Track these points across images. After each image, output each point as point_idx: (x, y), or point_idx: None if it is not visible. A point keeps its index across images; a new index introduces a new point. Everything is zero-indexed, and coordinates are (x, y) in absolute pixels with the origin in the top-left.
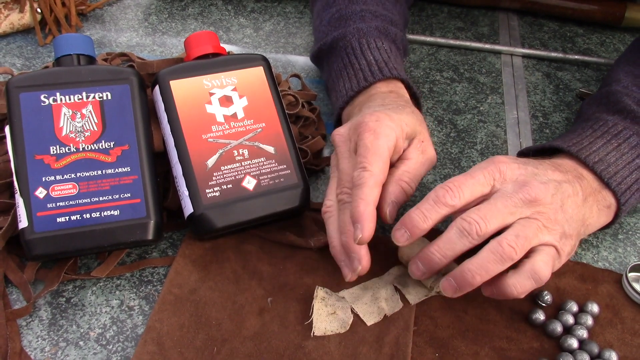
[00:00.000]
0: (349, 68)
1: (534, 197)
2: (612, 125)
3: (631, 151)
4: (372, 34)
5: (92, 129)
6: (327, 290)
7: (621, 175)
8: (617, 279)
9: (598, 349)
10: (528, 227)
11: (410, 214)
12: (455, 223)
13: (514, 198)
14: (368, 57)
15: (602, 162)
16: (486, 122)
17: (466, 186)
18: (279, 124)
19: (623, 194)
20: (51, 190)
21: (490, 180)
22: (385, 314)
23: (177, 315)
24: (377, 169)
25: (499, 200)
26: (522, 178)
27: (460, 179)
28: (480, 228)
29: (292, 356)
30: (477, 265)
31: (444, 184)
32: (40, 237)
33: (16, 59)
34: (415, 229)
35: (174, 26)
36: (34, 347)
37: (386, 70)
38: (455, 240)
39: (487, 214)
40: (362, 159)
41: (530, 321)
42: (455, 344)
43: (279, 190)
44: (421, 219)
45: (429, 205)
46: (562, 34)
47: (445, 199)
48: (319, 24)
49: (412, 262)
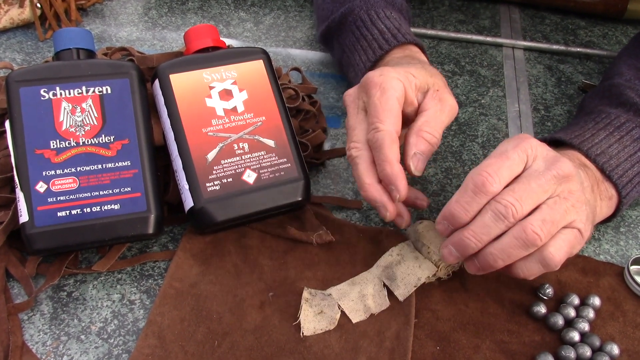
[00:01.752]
0: (362, 40)
1: (566, 173)
2: (615, 118)
3: (633, 144)
4: (380, 4)
5: (92, 123)
6: (312, 290)
7: (623, 167)
8: (619, 272)
9: (599, 342)
10: (557, 209)
11: (450, 209)
12: (490, 207)
13: (547, 175)
14: (380, 26)
15: (604, 154)
16: (487, 115)
17: (504, 168)
18: (279, 117)
19: (624, 187)
20: (51, 184)
21: (524, 158)
22: (372, 313)
23: (178, 309)
24: (390, 125)
25: (532, 179)
26: (551, 155)
27: (496, 163)
28: (517, 210)
29: (293, 349)
30: (500, 250)
31: (480, 170)
32: (41, 232)
33: (16, 54)
34: (458, 224)
35: (174, 20)
36: (36, 341)
37: (400, 36)
38: (491, 225)
39: (522, 195)
40: (373, 119)
41: (532, 314)
42: (456, 337)
43: (280, 183)
44: (462, 213)
45: (469, 197)
46: (564, 27)
47: (485, 187)
48: (322, 2)
49: (444, 247)
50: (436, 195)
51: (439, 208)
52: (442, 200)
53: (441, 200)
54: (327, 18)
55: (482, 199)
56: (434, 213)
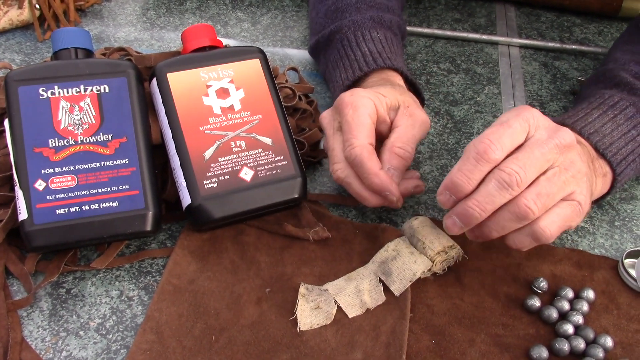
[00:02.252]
0: (344, 59)
1: (568, 142)
2: (608, 97)
3: (627, 122)
4: (367, 26)
5: (90, 122)
6: (308, 286)
7: (617, 145)
8: (613, 266)
9: (593, 334)
10: (555, 181)
11: (453, 178)
12: (494, 175)
13: (549, 144)
14: (363, 48)
15: (597, 133)
16: (483, 112)
17: (506, 136)
18: (276, 115)
19: (619, 165)
20: (50, 182)
21: (526, 127)
22: (368, 307)
23: (176, 305)
24: (364, 139)
25: (535, 147)
26: (552, 124)
27: (498, 130)
28: (521, 179)
29: (289, 344)
30: (494, 222)
31: (481, 138)
32: (40, 229)
33: (15, 55)
34: (460, 193)
35: (171, 21)
36: (35, 337)
37: (380, 60)
38: (494, 194)
39: (525, 163)
40: (347, 136)
41: (526, 307)
42: (452, 330)
43: (276, 181)
44: (465, 182)
45: (471, 165)
46: (559, 24)
47: (487, 154)
48: (315, 16)
49: (448, 218)
50: (432, 192)
51: (435, 204)
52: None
53: (436, 196)
54: (317, 32)
55: (484, 166)
56: (429, 209)
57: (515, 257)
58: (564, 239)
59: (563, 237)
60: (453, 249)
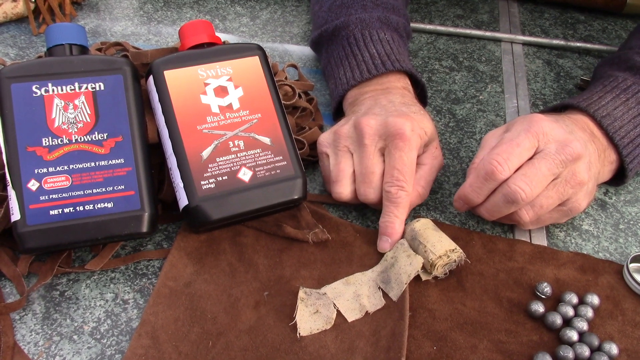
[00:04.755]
0: (350, 58)
1: (575, 155)
2: (622, 81)
3: (638, 105)
4: (375, 25)
5: (85, 120)
6: (307, 290)
7: (625, 129)
8: (618, 270)
9: (598, 341)
10: (552, 195)
11: (465, 191)
12: (502, 190)
13: (556, 159)
14: (371, 49)
15: (609, 116)
16: (485, 111)
17: (514, 156)
18: (275, 114)
19: (625, 147)
20: (44, 182)
21: (535, 143)
22: (367, 311)
23: (172, 309)
24: (411, 186)
25: (543, 163)
26: (563, 137)
27: (507, 150)
28: (527, 195)
29: (288, 350)
30: (490, 215)
31: (490, 159)
32: (33, 230)
33: (9, 49)
34: (472, 203)
35: (169, 15)
36: (28, 341)
37: (388, 63)
38: (501, 206)
39: (532, 179)
40: (399, 175)
41: (530, 313)
42: (454, 336)
43: (276, 181)
44: (475, 196)
45: (480, 184)
46: (563, 21)
47: (495, 175)
48: (319, 10)
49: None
50: (434, 193)
51: (437, 205)
52: (439, 198)
53: (438, 197)
54: (320, 26)
55: (492, 184)
56: (431, 210)
57: (518, 260)
58: (568, 242)
59: (567, 241)
60: (455, 252)
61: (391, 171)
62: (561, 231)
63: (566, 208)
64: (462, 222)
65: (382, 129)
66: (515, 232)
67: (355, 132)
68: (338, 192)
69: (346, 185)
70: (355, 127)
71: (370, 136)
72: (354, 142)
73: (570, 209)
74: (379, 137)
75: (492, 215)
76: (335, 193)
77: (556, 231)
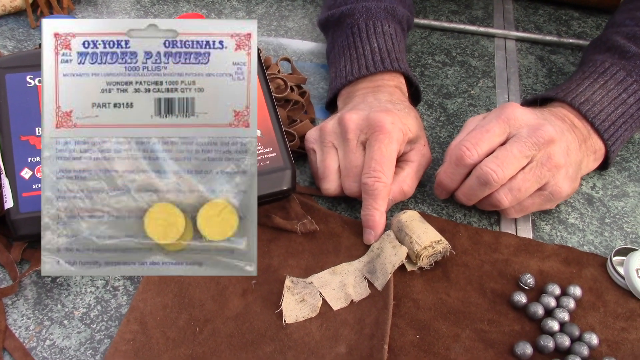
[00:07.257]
0: (352, 49)
1: (548, 138)
2: (600, 64)
3: (617, 87)
4: (380, 16)
5: None
6: (293, 279)
7: (606, 112)
8: (602, 263)
9: (579, 331)
10: (529, 177)
11: (439, 177)
12: (475, 172)
13: (528, 142)
14: (372, 43)
15: (587, 102)
16: (476, 106)
17: (483, 141)
18: (265, 106)
19: (607, 130)
20: (37, 171)
21: (505, 128)
22: (352, 300)
23: (161, 296)
24: (389, 178)
25: (514, 145)
26: (535, 121)
27: (476, 136)
28: (498, 176)
29: (273, 337)
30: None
31: (459, 144)
32: (26, 217)
33: (7, 42)
34: (449, 189)
35: (166, 9)
36: (19, 325)
37: (387, 62)
38: (476, 188)
39: (504, 161)
40: (376, 166)
41: (512, 304)
42: (437, 325)
43: (265, 172)
44: (449, 182)
45: (452, 168)
46: (557, 17)
47: (464, 160)
48: None
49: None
50: (422, 186)
51: (424, 198)
52: (427, 191)
53: (427, 190)
54: (329, 9)
55: (463, 170)
56: (419, 203)
57: (503, 252)
58: (554, 235)
59: (552, 234)
60: (440, 244)
61: (369, 162)
62: (547, 224)
63: (547, 192)
64: (449, 215)
65: (364, 122)
66: (502, 225)
67: (339, 128)
68: (325, 187)
69: (332, 180)
70: (339, 122)
71: (353, 130)
72: (338, 138)
73: (551, 193)
74: (361, 131)
75: (470, 199)
76: (323, 189)
77: (542, 224)
